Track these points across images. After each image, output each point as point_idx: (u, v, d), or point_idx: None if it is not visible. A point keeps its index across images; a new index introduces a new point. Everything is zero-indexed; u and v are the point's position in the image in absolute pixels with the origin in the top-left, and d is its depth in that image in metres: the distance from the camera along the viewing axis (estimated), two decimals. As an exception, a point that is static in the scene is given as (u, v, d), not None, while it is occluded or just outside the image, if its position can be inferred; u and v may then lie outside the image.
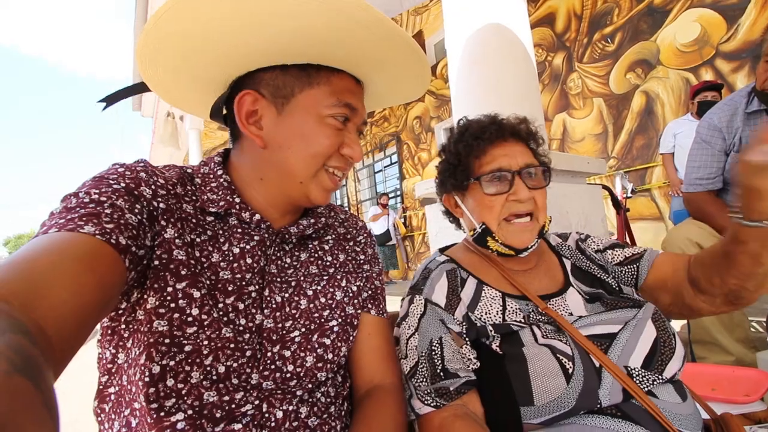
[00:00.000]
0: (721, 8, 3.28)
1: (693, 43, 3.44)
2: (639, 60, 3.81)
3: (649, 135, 3.76)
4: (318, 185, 0.55)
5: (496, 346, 0.59)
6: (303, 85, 0.52)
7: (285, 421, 0.49)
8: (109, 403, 0.48)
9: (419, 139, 6.68)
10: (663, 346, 0.57)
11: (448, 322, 0.62)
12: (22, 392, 0.20)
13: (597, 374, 0.53)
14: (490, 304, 0.64)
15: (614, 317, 0.60)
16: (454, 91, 1.74)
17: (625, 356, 0.55)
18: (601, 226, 1.61)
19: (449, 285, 0.66)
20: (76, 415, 1.15)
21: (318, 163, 0.54)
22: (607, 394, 0.52)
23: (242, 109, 0.52)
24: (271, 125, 0.53)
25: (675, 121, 3.01)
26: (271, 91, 0.52)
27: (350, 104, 0.54)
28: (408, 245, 6.93)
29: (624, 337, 0.57)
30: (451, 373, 0.58)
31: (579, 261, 0.72)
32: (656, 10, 3.67)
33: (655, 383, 0.54)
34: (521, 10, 1.67)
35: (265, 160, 0.54)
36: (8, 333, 0.24)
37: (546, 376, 0.54)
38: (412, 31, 6.50)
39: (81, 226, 0.38)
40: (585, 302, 0.65)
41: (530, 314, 0.62)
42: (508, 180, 0.67)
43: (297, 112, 0.52)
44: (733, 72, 3.24)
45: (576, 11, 4.32)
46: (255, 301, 0.51)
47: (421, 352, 0.60)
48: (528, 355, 0.56)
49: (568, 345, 0.56)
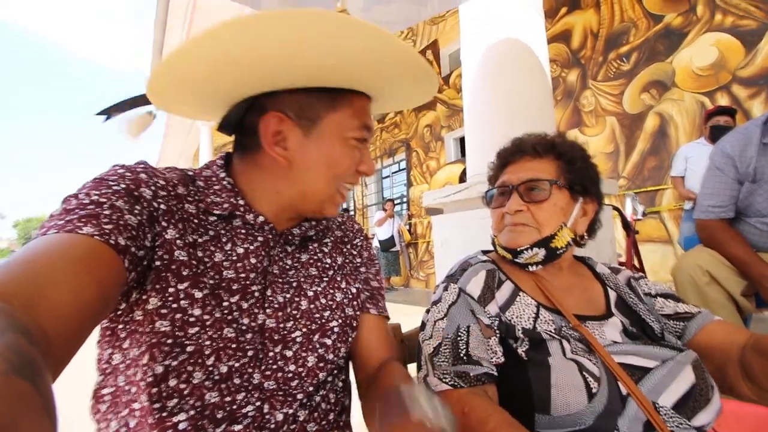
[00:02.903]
0: (739, 33, 3.26)
1: (709, 67, 3.42)
2: (654, 81, 3.79)
3: (662, 157, 3.73)
4: (332, 201, 0.57)
5: (522, 351, 0.58)
6: (328, 109, 0.54)
7: (284, 424, 0.50)
8: (104, 404, 0.48)
9: (429, 148, 6.68)
10: (699, 394, 0.54)
11: (478, 313, 0.62)
12: (21, 394, 0.20)
13: (622, 401, 0.52)
14: (523, 310, 0.63)
15: (652, 352, 0.57)
16: (468, 103, 1.74)
17: (655, 392, 0.53)
18: (609, 248, 1.59)
19: (486, 282, 0.66)
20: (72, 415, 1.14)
21: (338, 182, 0.56)
22: (627, 423, 0.50)
23: (268, 130, 0.53)
24: (297, 147, 0.54)
25: (687, 145, 2.99)
26: (296, 113, 0.53)
27: (369, 126, 0.57)
28: (412, 253, 6.91)
29: (659, 374, 0.54)
30: (474, 360, 0.57)
31: (626, 296, 0.70)
32: (673, 32, 3.66)
33: (681, 426, 0.51)
34: (539, 25, 1.67)
35: (286, 177, 0.55)
36: (8, 333, 0.24)
37: (567, 389, 0.52)
38: (427, 41, 6.54)
39: (80, 227, 0.38)
40: (623, 335, 0.62)
41: (562, 328, 0.61)
42: (507, 194, 0.71)
43: (324, 135, 0.54)
44: (750, 98, 3.21)
45: (592, 29, 4.32)
46: (258, 300, 0.52)
47: (446, 335, 0.61)
48: (553, 365, 0.55)
49: (597, 366, 0.54)
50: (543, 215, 0.67)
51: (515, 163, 0.73)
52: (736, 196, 1.35)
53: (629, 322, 0.66)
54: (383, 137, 7.84)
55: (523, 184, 0.69)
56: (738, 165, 1.32)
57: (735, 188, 1.35)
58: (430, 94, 0.62)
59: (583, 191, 0.71)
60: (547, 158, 0.72)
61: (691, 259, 1.35)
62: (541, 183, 0.68)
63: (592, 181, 0.73)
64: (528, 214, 0.68)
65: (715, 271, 1.29)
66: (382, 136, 7.87)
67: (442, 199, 1.68)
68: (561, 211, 0.68)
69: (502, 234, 0.71)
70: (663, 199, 3.71)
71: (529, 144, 0.73)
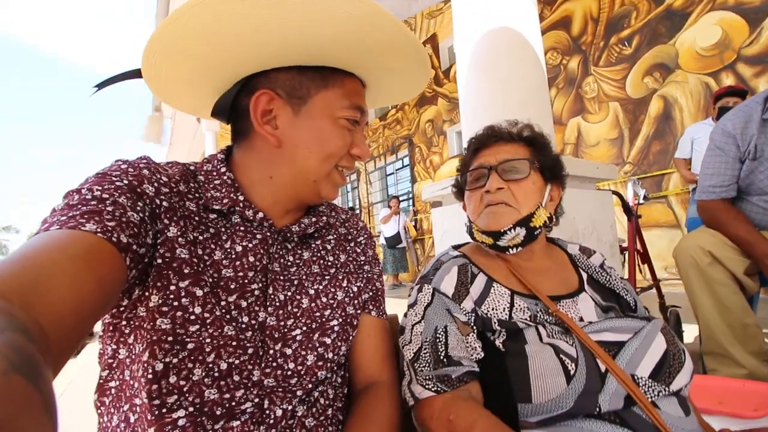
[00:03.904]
0: (743, 11, 3.19)
1: (713, 47, 3.35)
2: (657, 64, 3.73)
3: (667, 140, 3.67)
4: (329, 183, 0.57)
5: (499, 343, 0.59)
6: (319, 87, 0.54)
7: (282, 419, 0.50)
8: (109, 397, 0.49)
9: (431, 143, 6.66)
10: (672, 358, 0.56)
11: (454, 311, 0.63)
12: (21, 392, 0.20)
13: (601, 378, 0.53)
14: (498, 301, 0.64)
15: (624, 325, 0.60)
16: (463, 94, 1.74)
17: (632, 364, 0.55)
18: (610, 233, 1.58)
19: (459, 278, 0.67)
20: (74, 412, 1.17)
21: (331, 163, 0.56)
22: (608, 400, 0.51)
23: (258, 108, 0.53)
24: (287, 125, 0.54)
25: (694, 125, 2.93)
26: (287, 92, 0.53)
27: (360, 107, 0.57)
28: (418, 248, 6.91)
29: (633, 346, 0.57)
30: (454, 361, 0.58)
31: (597, 275, 0.72)
32: (675, 13, 3.59)
33: (661, 394, 0.53)
34: (531, 13, 1.66)
35: (278, 159, 0.55)
36: (7, 331, 0.24)
37: (546, 374, 0.53)
38: (426, 35, 6.51)
39: (82, 223, 0.38)
40: (597, 310, 0.65)
41: (538, 314, 0.62)
42: (485, 175, 0.71)
43: (314, 113, 0.54)
44: (755, 77, 3.14)
45: (592, 14, 4.26)
46: (258, 299, 0.52)
47: (425, 338, 0.61)
48: (530, 352, 0.56)
49: (574, 347, 0.56)
50: (522, 194, 0.69)
51: (490, 147, 0.75)
52: (738, 175, 1.33)
53: (601, 297, 0.68)
54: (386, 134, 7.84)
55: (502, 164, 0.70)
56: (740, 143, 1.30)
57: (736, 167, 1.33)
58: (424, 76, 0.62)
59: (552, 176, 0.73)
60: (520, 143, 0.74)
61: (692, 241, 1.34)
62: (520, 162, 0.70)
63: (559, 167, 0.75)
64: (508, 192, 0.69)
65: (717, 251, 1.28)
66: (384, 133, 7.87)
67: (440, 191, 1.68)
68: (538, 191, 0.70)
69: (481, 217, 0.71)
70: (670, 183, 3.66)
71: (503, 130, 0.75)
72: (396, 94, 0.67)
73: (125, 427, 0.46)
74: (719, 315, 1.27)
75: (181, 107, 0.63)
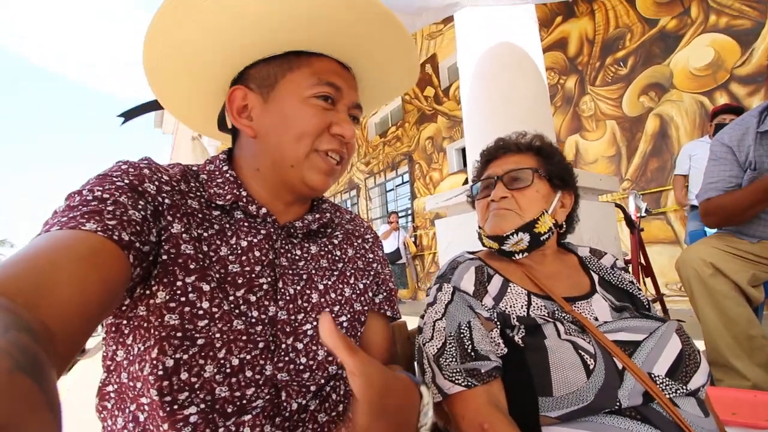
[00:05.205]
0: (734, 33, 3.29)
1: (707, 67, 3.44)
2: (652, 83, 3.82)
3: (664, 158, 3.72)
4: (311, 168, 0.55)
5: (518, 338, 0.59)
6: (285, 71, 0.55)
7: (296, 413, 0.49)
8: (110, 401, 0.48)
9: (431, 159, 6.72)
10: (688, 358, 0.57)
11: (476, 307, 0.63)
12: (26, 391, 0.20)
13: (619, 375, 0.53)
14: (515, 299, 0.65)
15: (639, 326, 0.60)
16: (466, 109, 1.77)
17: (649, 363, 0.55)
18: (613, 245, 1.58)
19: (477, 277, 0.68)
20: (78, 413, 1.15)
21: (306, 144, 0.54)
22: (627, 395, 0.51)
23: (233, 104, 0.55)
24: (259, 115, 0.55)
25: (691, 143, 2.98)
26: (257, 84, 0.55)
27: (334, 83, 0.55)
28: (418, 265, 6.88)
29: (649, 345, 0.57)
30: (482, 355, 0.58)
31: (609, 276, 0.74)
32: (669, 35, 3.70)
33: (678, 392, 0.53)
34: (533, 30, 1.71)
35: (258, 150, 0.56)
36: (12, 331, 0.24)
37: (566, 367, 0.53)
38: (426, 55, 6.66)
39: (83, 223, 0.38)
40: (611, 310, 0.66)
41: (555, 312, 0.62)
42: (492, 185, 0.74)
43: (280, 97, 0.54)
44: (749, 96, 3.22)
45: (588, 36, 4.38)
46: (267, 293, 0.52)
47: (449, 333, 0.61)
48: (549, 346, 0.56)
49: (591, 344, 0.56)
50: (525, 201, 0.71)
51: (499, 159, 0.78)
52: (741, 176, 1.32)
53: (614, 298, 0.69)
54: (386, 151, 7.91)
55: (507, 174, 0.73)
56: (737, 154, 1.32)
57: (738, 170, 1.32)
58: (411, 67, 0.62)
59: (562, 184, 0.76)
60: (528, 153, 0.77)
61: (693, 253, 1.34)
62: (523, 171, 0.73)
63: (569, 174, 0.77)
64: (512, 200, 0.72)
65: (720, 262, 1.28)
66: (384, 150, 7.95)
67: (444, 202, 1.69)
68: (543, 198, 0.72)
69: (487, 222, 0.74)
70: (668, 200, 3.69)
71: (511, 142, 0.79)
72: (391, 83, 0.66)
73: (134, 426, 0.45)
74: (724, 327, 1.27)
75: (200, 130, 0.67)
